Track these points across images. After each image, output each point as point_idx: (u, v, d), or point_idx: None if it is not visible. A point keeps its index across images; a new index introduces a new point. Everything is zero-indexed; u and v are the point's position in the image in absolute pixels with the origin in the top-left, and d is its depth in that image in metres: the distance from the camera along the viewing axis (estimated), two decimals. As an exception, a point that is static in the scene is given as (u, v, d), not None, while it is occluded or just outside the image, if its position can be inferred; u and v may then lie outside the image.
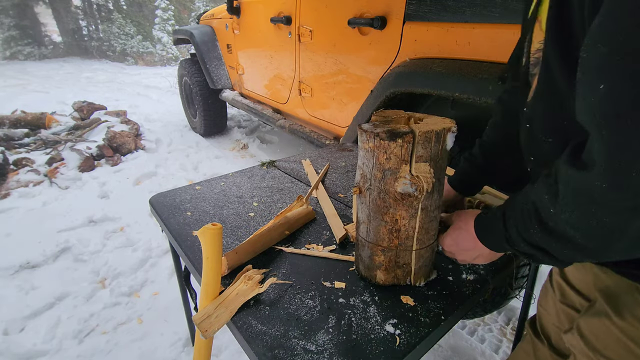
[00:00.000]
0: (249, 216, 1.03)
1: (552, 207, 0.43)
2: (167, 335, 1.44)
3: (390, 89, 1.49)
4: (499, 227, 0.55)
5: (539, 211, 0.46)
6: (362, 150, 0.66)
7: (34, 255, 1.86)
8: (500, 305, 1.38)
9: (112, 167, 3.01)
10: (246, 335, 0.64)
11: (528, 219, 0.48)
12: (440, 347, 1.44)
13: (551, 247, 0.47)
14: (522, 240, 0.51)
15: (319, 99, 2.18)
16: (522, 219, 0.50)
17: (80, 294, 1.64)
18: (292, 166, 1.40)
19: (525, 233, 0.50)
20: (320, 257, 0.86)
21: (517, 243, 0.52)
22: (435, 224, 0.71)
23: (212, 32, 3.40)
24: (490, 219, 0.59)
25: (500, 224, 0.55)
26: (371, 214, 0.69)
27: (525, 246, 0.51)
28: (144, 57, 11.24)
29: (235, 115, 4.53)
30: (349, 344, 0.62)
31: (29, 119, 3.43)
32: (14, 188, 2.56)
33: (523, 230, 0.50)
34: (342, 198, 1.16)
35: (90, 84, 7.23)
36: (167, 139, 3.72)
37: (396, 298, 0.72)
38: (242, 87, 3.20)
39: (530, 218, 0.48)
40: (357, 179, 0.70)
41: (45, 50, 11.77)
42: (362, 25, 1.66)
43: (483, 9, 1.17)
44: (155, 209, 1.07)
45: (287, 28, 2.24)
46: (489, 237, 0.60)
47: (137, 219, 2.24)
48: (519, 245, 0.52)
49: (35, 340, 1.41)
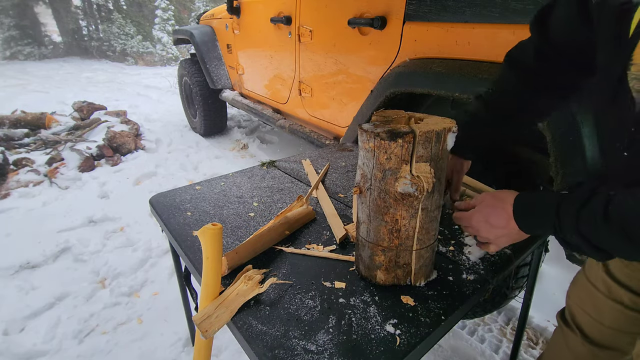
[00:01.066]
0: (249, 216, 1.03)
1: None
2: (167, 335, 1.44)
3: (390, 89, 1.49)
4: (549, 213, 0.56)
5: (627, 217, 0.47)
6: (362, 150, 0.66)
7: (34, 255, 1.86)
8: (500, 305, 1.38)
9: (112, 167, 3.01)
10: (246, 335, 0.64)
11: (601, 218, 0.49)
12: (440, 347, 1.44)
13: (614, 246, 0.49)
14: (575, 232, 0.52)
15: (319, 99, 2.18)
16: (589, 214, 0.50)
17: (80, 294, 1.64)
18: (292, 166, 1.40)
19: (585, 228, 0.51)
20: (320, 257, 0.86)
21: (566, 233, 0.54)
22: (435, 224, 0.71)
23: (212, 32, 3.40)
24: (539, 202, 0.60)
25: (552, 210, 0.56)
26: (371, 214, 0.69)
27: (574, 237, 0.53)
28: (144, 57, 11.24)
29: (235, 115, 4.53)
30: (349, 344, 0.62)
31: (29, 119, 3.43)
32: (14, 188, 2.56)
33: (584, 225, 0.51)
34: (342, 198, 1.16)
35: (90, 84, 7.23)
36: (167, 139, 3.72)
37: (396, 298, 0.72)
38: (242, 87, 3.20)
39: (605, 219, 0.48)
40: (358, 179, 0.70)
41: (45, 50, 11.77)
42: (362, 25, 1.66)
43: (483, 9, 1.17)
44: (155, 209, 1.07)
45: (287, 28, 2.24)
46: (529, 220, 0.62)
47: (137, 219, 2.24)
48: (566, 235, 0.54)
49: (35, 340, 1.41)
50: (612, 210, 0.48)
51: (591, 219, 0.50)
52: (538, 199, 0.61)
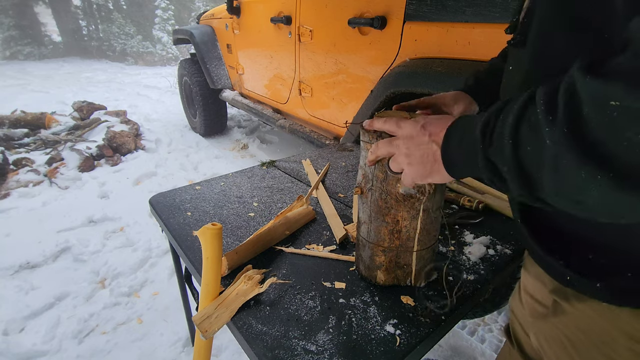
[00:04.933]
0: (249, 216, 1.03)
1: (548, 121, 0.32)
2: (167, 336, 1.44)
3: (391, 89, 1.49)
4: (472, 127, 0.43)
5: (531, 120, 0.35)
6: (364, 150, 0.66)
7: (34, 255, 1.86)
8: (500, 305, 1.38)
9: (112, 167, 3.01)
10: (246, 335, 0.64)
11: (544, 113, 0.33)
12: (440, 347, 1.44)
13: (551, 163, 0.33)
14: (508, 136, 0.37)
15: (319, 99, 2.18)
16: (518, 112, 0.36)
17: (80, 294, 1.64)
18: (292, 166, 1.40)
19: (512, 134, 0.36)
20: (320, 257, 0.85)
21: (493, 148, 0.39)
22: (436, 225, 0.71)
23: (212, 32, 3.40)
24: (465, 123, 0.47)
25: (476, 123, 0.42)
26: (372, 214, 0.69)
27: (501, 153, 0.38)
28: (144, 57, 11.24)
29: (235, 115, 4.53)
30: (349, 344, 0.62)
31: (28, 119, 3.43)
32: (14, 188, 2.56)
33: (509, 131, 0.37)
34: (342, 198, 1.16)
35: (90, 84, 7.23)
36: (167, 139, 3.72)
37: (396, 298, 0.72)
38: (242, 87, 3.20)
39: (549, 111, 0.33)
40: (359, 179, 0.70)
41: (45, 50, 11.77)
42: (362, 25, 1.66)
43: (483, 9, 1.17)
44: (155, 209, 1.06)
45: (287, 28, 2.24)
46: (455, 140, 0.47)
47: (137, 219, 2.24)
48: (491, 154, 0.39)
49: (35, 341, 1.40)
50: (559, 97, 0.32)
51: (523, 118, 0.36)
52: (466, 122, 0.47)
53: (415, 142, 0.51)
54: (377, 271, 0.74)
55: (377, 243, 0.71)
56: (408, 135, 0.52)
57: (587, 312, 0.45)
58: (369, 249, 0.73)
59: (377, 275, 0.74)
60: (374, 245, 0.72)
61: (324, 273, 0.80)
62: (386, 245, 0.70)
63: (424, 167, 0.51)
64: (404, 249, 0.70)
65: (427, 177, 0.52)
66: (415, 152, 0.51)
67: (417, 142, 0.51)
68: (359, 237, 0.76)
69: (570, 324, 0.47)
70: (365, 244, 0.74)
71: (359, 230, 0.76)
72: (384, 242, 0.70)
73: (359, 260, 0.78)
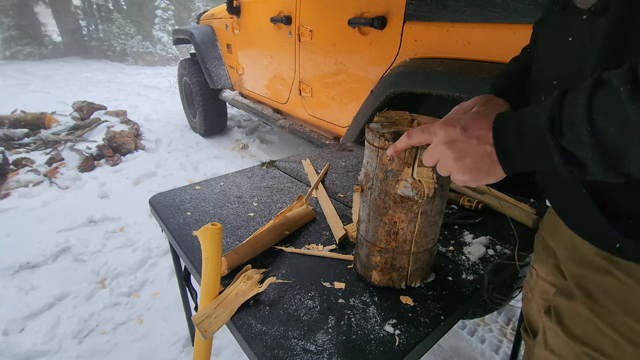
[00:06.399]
0: (248, 216, 1.03)
1: None
2: (167, 336, 1.44)
3: (391, 88, 1.49)
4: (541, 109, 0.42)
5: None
6: (367, 149, 0.66)
7: (34, 255, 1.86)
8: (501, 306, 1.38)
9: (112, 167, 3.01)
10: (246, 335, 0.64)
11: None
12: (440, 347, 1.44)
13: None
14: (587, 121, 0.37)
15: (319, 99, 2.18)
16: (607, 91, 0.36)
17: (80, 294, 1.64)
18: (292, 166, 1.40)
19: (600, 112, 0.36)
20: (320, 257, 0.85)
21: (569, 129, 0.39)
22: (435, 228, 0.70)
23: (212, 32, 3.40)
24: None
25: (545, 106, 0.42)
26: (371, 213, 0.69)
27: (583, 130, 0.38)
28: (144, 57, 11.24)
29: (235, 115, 4.53)
30: (349, 344, 0.62)
31: (28, 119, 3.43)
32: (14, 188, 2.56)
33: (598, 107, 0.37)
34: (342, 198, 1.16)
35: (90, 84, 7.23)
36: (167, 139, 3.72)
37: (395, 298, 0.72)
38: (242, 87, 3.20)
39: None
40: (361, 177, 0.70)
41: (45, 50, 11.77)
42: (362, 25, 1.66)
43: (483, 9, 1.17)
44: (155, 209, 1.07)
45: (287, 28, 2.24)
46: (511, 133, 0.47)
47: (137, 219, 2.24)
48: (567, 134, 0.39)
49: (35, 341, 1.40)
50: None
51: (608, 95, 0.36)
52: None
53: (463, 147, 0.50)
54: (372, 271, 0.74)
55: (374, 242, 0.71)
56: (450, 140, 0.50)
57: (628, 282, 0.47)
58: (366, 247, 0.73)
59: (372, 275, 0.74)
60: (371, 245, 0.72)
61: (323, 273, 0.80)
62: (382, 246, 0.70)
63: (480, 171, 0.50)
64: (400, 251, 0.70)
65: (484, 180, 0.51)
66: (466, 157, 0.50)
67: (466, 146, 0.49)
68: (358, 235, 0.76)
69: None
70: (363, 242, 0.74)
71: (358, 228, 0.76)
72: (381, 242, 0.70)
73: (357, 258, 0.79)
